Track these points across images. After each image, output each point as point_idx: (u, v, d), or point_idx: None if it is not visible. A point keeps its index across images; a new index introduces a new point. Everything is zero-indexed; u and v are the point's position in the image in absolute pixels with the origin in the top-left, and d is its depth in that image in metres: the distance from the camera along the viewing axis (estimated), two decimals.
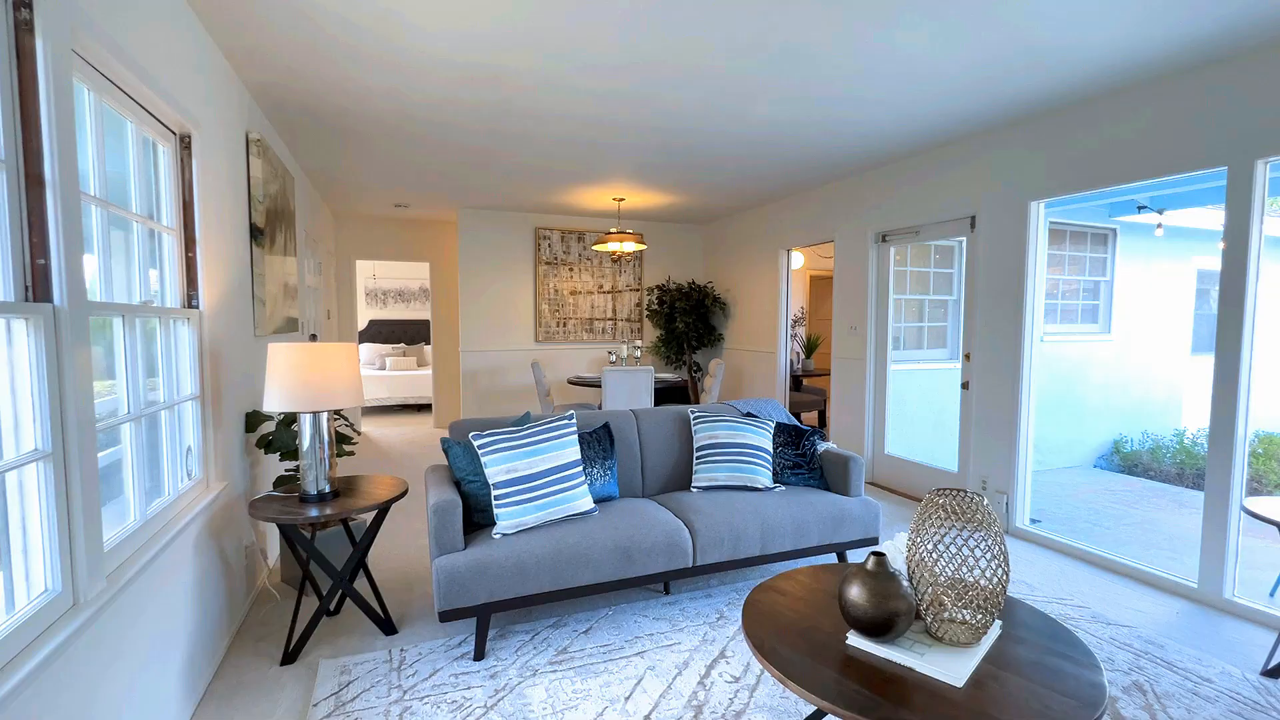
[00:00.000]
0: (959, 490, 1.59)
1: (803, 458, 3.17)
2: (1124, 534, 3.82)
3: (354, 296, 6.81)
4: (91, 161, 1.66)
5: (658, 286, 6.95)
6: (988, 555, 1.53)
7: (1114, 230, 5.88)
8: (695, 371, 6.96)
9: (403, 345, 9.29)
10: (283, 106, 3.25)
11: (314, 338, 2.36)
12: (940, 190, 4.09)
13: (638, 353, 5.68)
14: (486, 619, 2.33)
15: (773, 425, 3.22)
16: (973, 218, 3.89)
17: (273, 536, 3.31)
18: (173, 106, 2.02)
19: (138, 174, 1.96)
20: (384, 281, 9.53)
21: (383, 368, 8.82)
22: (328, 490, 2.38)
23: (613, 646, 2.40)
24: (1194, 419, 6.32)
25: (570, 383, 5.64)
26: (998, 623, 1.66)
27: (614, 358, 5.56)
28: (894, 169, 4.46)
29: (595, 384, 5.38)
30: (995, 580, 1.53)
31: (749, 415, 3.32)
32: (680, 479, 3.18)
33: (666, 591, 2.87)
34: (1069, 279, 5.86)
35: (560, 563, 2.37)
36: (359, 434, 3.24)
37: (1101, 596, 2.87)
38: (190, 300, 2.28)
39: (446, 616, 2.25)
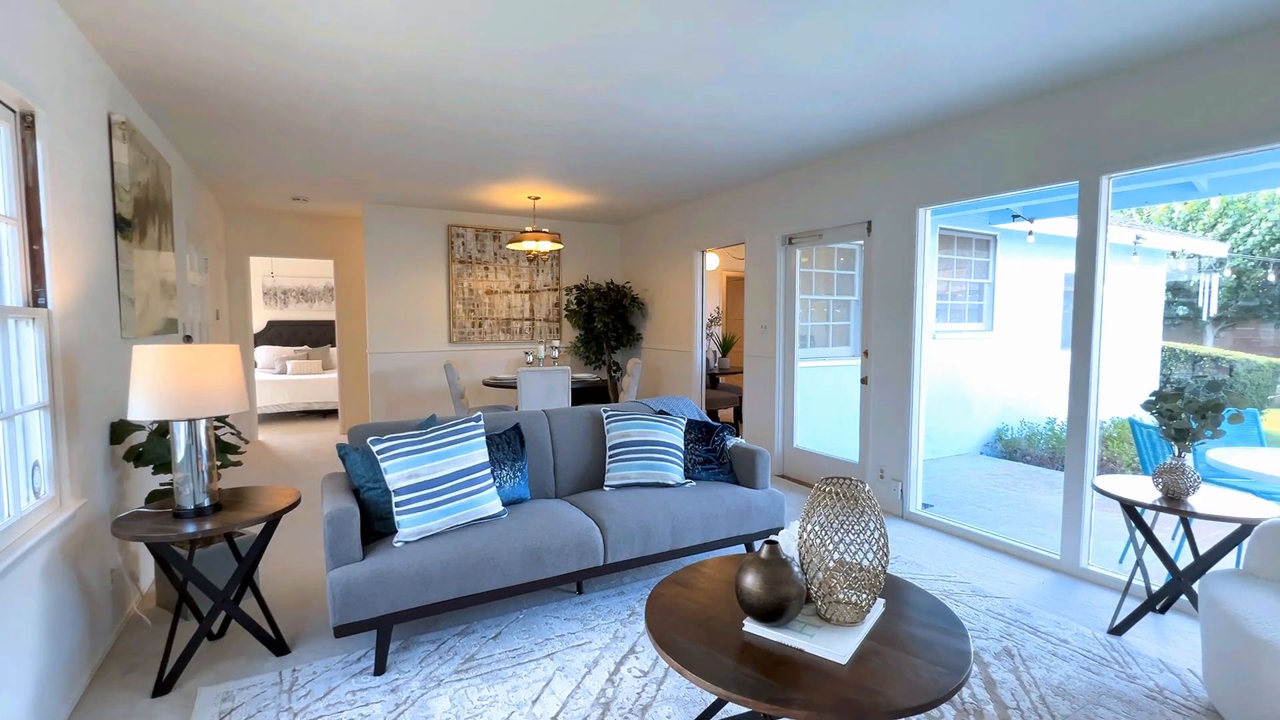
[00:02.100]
0: (844, 478, 1.68)
1: (713, 453, 3.25)
2: (1003, 514, 4.18)
3: (248, 296, 6.34)
4: None
5: (576, 286, 6.92)
6: (869, 538, 1.62)
7: (995, 237, 6.43)
8: (614, 371, 6.98)
9: (306, 348, 8.75)
10: (154, 88, 2.97)
11: (189, 339, 2.18)
12: (840, 196, 4.32)
13: (555, 353, 5.63)
14: (388, 631, 2.23)
15: (684, 422, 3.28)
16: (869, 223, 4.14)
17: (147, 558, 3.03)
18: (8, 80, 1.80)
19: None
20: (284, 280, 8.93)
21: (283, 372, 8.27)
22: (207, 504, 2.20)
23: (522, 650, 2.37)
24: (1063, 408, 7.01)
25: (486, 384, 5.51)
26: (881, 601, 1.77)
27: (530, 358, 5.49)
28: (799, 175, 4.67)
29: (511, 385, 5.29)
30: (876, 561, 1.63)
31: (661, 413, 3.37)
32: (594, 478, 3.18)
33: (580, 591, 2.86)
34: (957, 281, 6.35)
35: (467, 568, 2.31)
36: (246, 443, 3.02)
37: (981, 572, 3.13)
38: (36, 299, 2.04)
39: (342, 631, 2.13)
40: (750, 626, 1.62)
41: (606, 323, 6.68)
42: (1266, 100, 2.39)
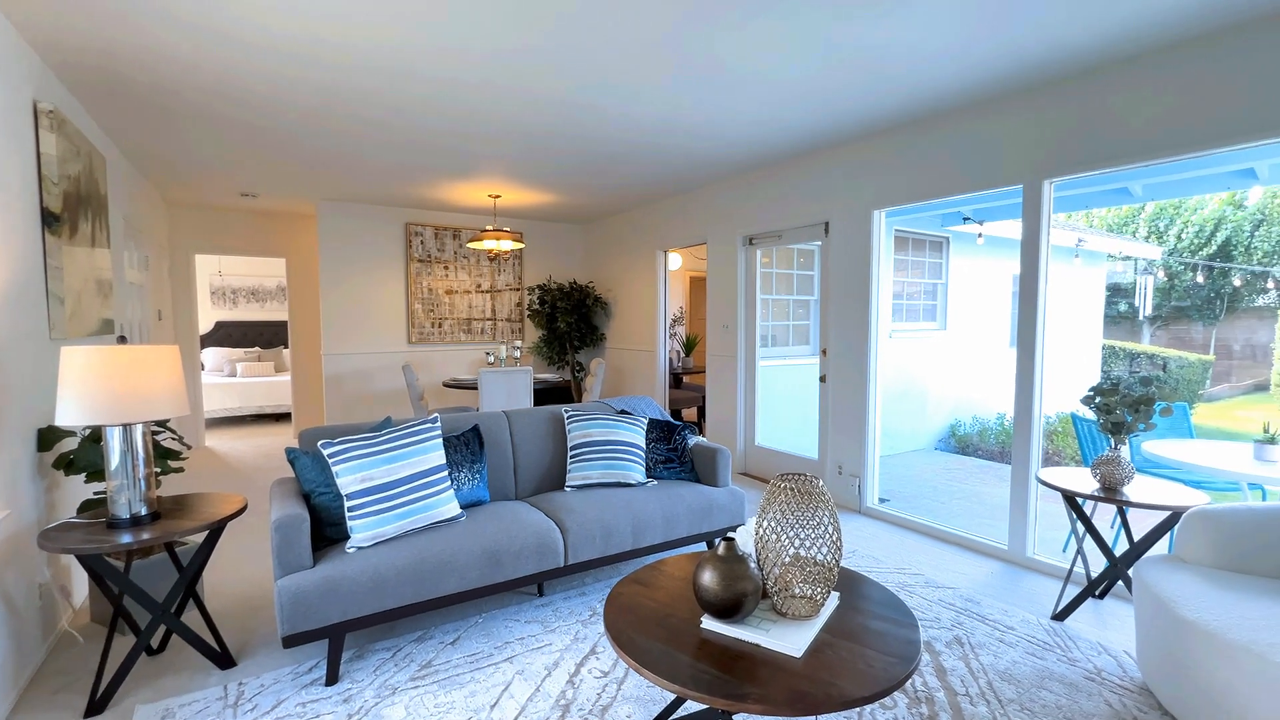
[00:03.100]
0: (799, 474, 1.70)
1: (675, 452, 3.26)
2: (956, 507, 4.31)
3: (193, 295, 6.08)
4: None
5: (539, 286, 6.86)
6: (823, 533, 1.65)
7: (947, 239, 6.64)
8: (578, 371, 6.95)
9: (257, 349, 8.44)
10: (86, 77, 2.82)
11: (123, 340, 2.08)
12: (799, 198, 4.39)
13: (517, 353, 5.57)
14: (340, 640, 2.17)
15: (646, 422, 3.28)
16: (826, 224, 4.22)
17: (81, 571, 2.87)
18: None
19: None
20: (233, 279, 8.60)
21: (233, 374, 7.97)
22: (144, 513, 2.09)
23: (481, 655, 2.33)
24: (1012, 404, 7.28)
25: (446, 385, 5.41)
26: (836, 594, 1.80)
27: (492, 359, 5.41)
28: (759, 176, 4.72)
29: (472, 386, 5.21)
30: (830, 555, 1.66)
31: (623, 413, 3.36)
32: (555, 479, 3.15)
33: (540, 593, 2.84)
34: (913, 281, 6.54)
35: (423, 573, 2.26)
36: (189, 448, 2.89)
37: (934, 564, 3.22)
38: None
39: (291, 641, 2.06)
40: (708, 623, 1.63)
41: (569, 323, 6.64)
42: (1196, 110, 2.52)
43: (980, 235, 6.47)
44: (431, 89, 3.00)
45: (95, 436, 2.45)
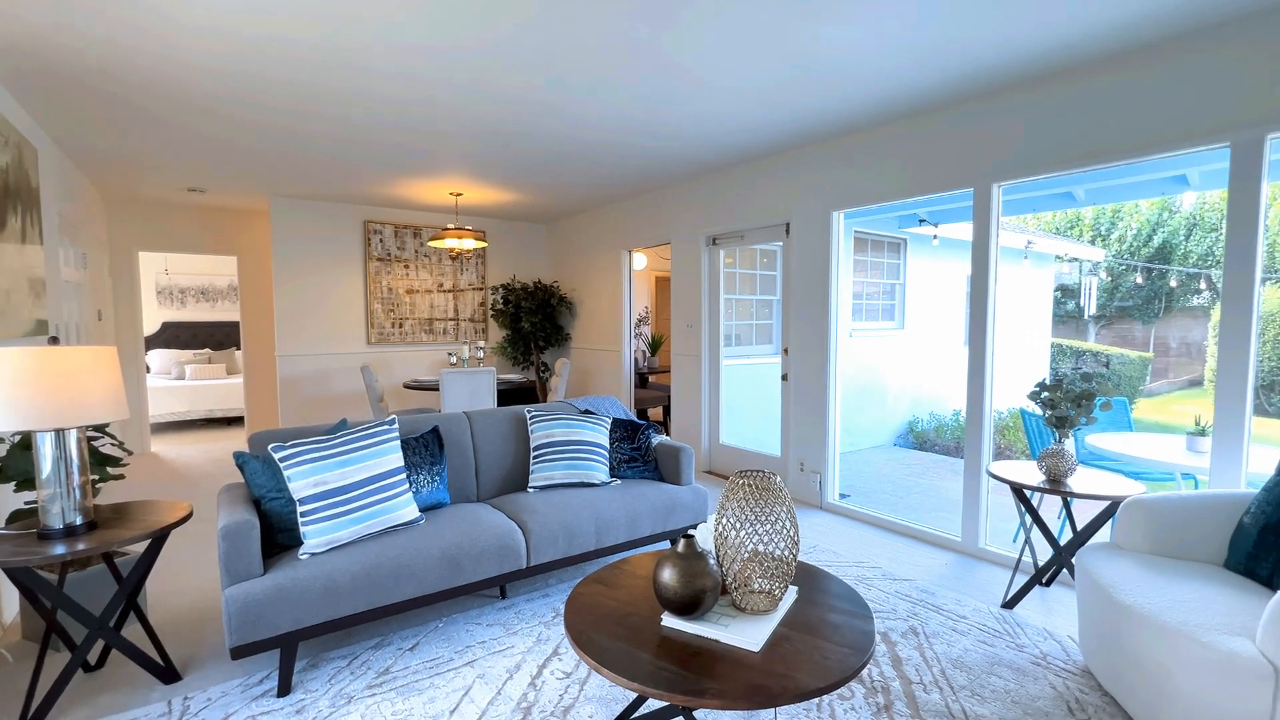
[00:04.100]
0: (758, 471, 1.72)
1: (638, 451, 3.26)
2: (913, 501, 4.43)
3: (137, 294, 5.82)
4: None
5: (503, 285, 6.78)
6: (780, 528, 1.67)
7: (905, 240, 6.81)
8: (543, 371, 6.90)
9: (207, 351, 8.12)
10: (13, 63, 2.66)
11: (55, 340, 1.98)
12: (760, 198, 4.45)
13: (480, 354, 5.49)
14: (292, 649, 2.10)
15: (610, 421, 3.28)
16: (787, 225, 4.28)
17: (10, 586, 2.71)
18: None
19: None
20: (180, 277, 8.26)
21: (181, 377, 7.65)
22: (80, 522, 1.99)
23: (440, 660, 2.29)
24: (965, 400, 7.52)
25: (407, 387, 5.30)
26: (794, 589, 1.83)
27: (454, 359, 5.32)
28: (722, 177, 4.77)
29: (434, 388, 5.11)
30: (787, 550, 1.68)
31: (587, 412, 3.35)
32: (518, 480, 3.12)
33: (503, 596, 2.80)
34: (872, 282, 6.69)
35: (379, 579, 2.21)
36: (130, 453, 2.76)
37: (892, 557, 3.30)
38: None
39: (240, 653, 1.99)
40: (668, 621, 1.64)
41: (534, 323, 6.59)
42: (1132, 119, 2.65)
43: (935, 237, 6.66)
44: (385, 85, 2.93)
45: (25, 443, 2.32)
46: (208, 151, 4.07)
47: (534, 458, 3.04)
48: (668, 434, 6.28)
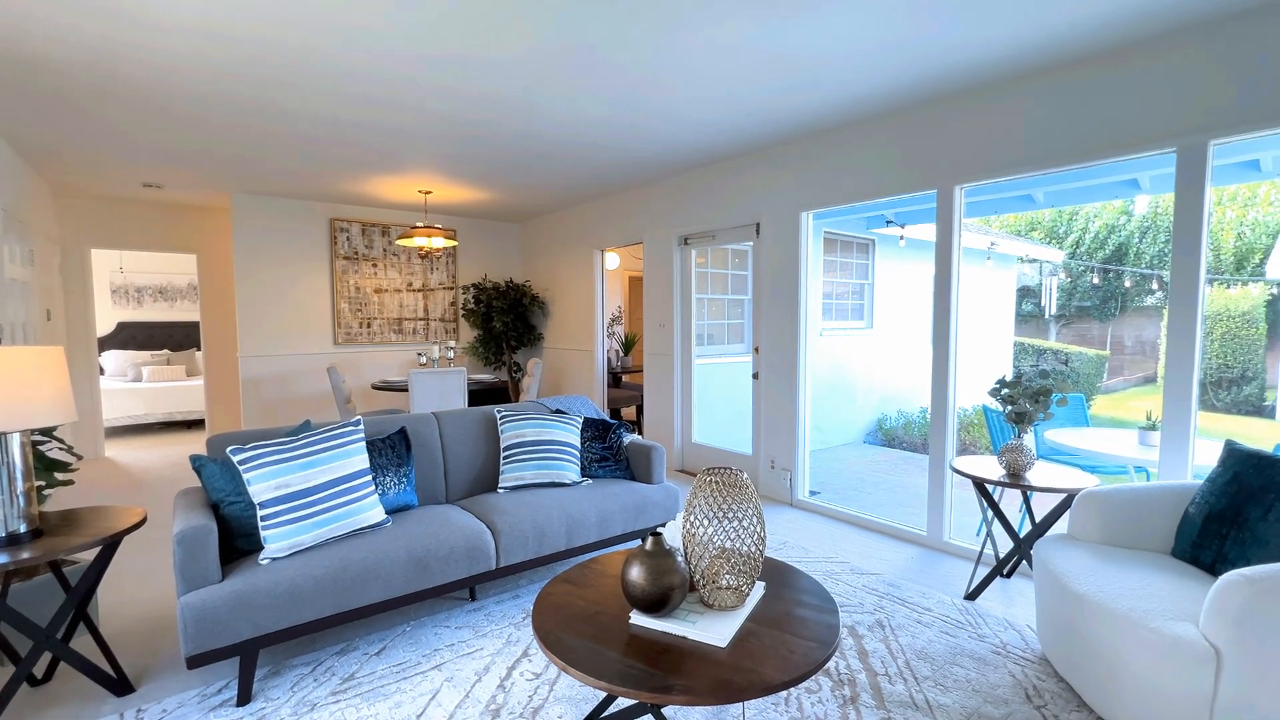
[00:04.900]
0: (725, 468, 1.73)
1: (610, 450, 3.26)
2: (881, 497, 4.51)
3: (89, 293, 5.60)
4: None
5: (474, 285, 6.71)
6: (747, 525, 1.69)
7: (873, 241, 6.93)
8: (515, 372, 6.84)
9: (166, 352, 7.86)
10: None
11: None
12: (731, 199, 4.48)
13: (451, 354, 5.42)
14: (253, 657, 2.04)
15: (581, 421, 3.27)
16: (758, 225, 4.32)
17: None
18: None
19: None
20: (136, 276, 7.98)
21: (138, 379, 7.39)
22: (24, 530, 1.91)
23: (408, 664, 2.25)
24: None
25: (375, 388, 5.21)
26: (762, 584, 1.85)
27: (423, 359, 5.25)
28: (693, 177, 4.79)
29: (403, 388, 5.03)
30: (754, 546, 1.70)
31: (558, 412, 3.33)
32: (488, 481, 3.09)
33: (473, 598, 2.77)
34: (841, 281, 6.79)
35: (344, 582, 2.17)
36: (80, 458, 2.66)
37: (860, 551, 3.35)
38: None
39: (196, 662, 1.93)
40: (636, 618, 1.64)
41: (506, 322, 6.53)
42: (1088, 124, 2.74)
43: (902, 238, 6.80)
44: (351, 84, 2.87)
45: None
46: (162, 147, 3.94)
47: (504, 458, 3.01)
48: (641, 433, 6.28)
